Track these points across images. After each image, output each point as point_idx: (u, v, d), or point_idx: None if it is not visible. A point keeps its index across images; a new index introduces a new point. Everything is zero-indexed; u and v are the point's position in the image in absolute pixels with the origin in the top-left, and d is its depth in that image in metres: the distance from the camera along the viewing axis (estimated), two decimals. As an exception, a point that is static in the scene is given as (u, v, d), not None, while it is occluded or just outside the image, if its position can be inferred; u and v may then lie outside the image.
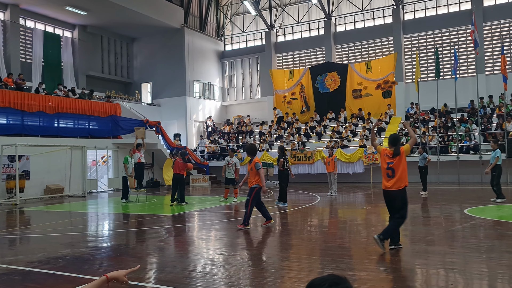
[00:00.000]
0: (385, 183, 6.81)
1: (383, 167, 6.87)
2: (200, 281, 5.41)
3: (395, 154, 6.72)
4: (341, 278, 1.67)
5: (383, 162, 6.88)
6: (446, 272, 5.51)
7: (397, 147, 6.78)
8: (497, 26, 24.01)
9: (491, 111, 21.87)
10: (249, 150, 9.30)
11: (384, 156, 6.87)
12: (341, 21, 28.88)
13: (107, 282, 2.26)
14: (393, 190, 6.71)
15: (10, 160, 16.69)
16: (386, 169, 6.79)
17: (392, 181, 6.70)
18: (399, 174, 6.66)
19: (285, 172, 13.36)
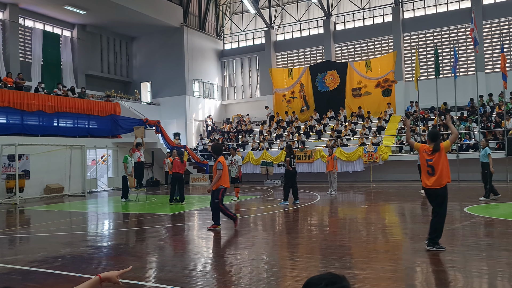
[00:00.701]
0: (425, 181, 6.58)
1: (422, 164, 6.63)
2: (200, 280, 5.41)
3: (435, 150, 6.45)
4: (339, 277, 1.66)
5: (422, 159, 6.62)
6: (446, 270, 5.51)
7: (437, 143, 6.50)
8: (497, 24, 24.00)
9: (491, 109, 21.86)
10: (214, 150, 9.11)
11: (423, 152, 6.60)
12: (341, 19, 28.86)
13: (100, 283, 2.25)
14: (434, 189, 6.49)
15: (10, 159, 16.69)
16: (426, 166, 6.54)
17: (433, 179, 6.46)
18: (439, 171, 6.42)
19: (293, 171, 13.30)
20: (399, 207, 12.34)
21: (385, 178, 21.28)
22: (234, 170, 14.86)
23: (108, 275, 2.30)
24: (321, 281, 1.64)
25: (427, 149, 6.58)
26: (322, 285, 1.63)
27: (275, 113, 28.26)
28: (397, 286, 5.03)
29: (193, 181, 24.10)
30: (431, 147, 6.53)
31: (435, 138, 6.58)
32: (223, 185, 8.78)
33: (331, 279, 1.64)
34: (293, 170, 13.29)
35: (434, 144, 6.51)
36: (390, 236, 8.16)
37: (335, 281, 1.63)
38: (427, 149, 6.59)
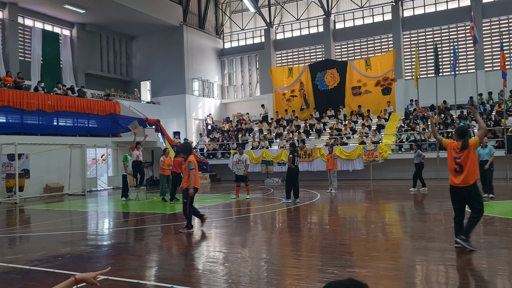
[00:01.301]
0: (453, 179, 6.38)
1: (449, 161, 6.42)
2: (200, 278, 5.42)
3: (463, 148, 6.25)
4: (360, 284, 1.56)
5: (449, 156, 6.42)
6: (446, 268, 5.52)
7: (465, 139, 6.28)
8: (496, 23, 23.98)
9: (491, 108, 21.87)
10: (184, 149, 8.96)
11: (451, 150, 6.41)
12: (340, 18, 28.85)
13: (76, 284, 2.24)
14: (463, 187, 6.29)
15: (10, 159, 16.69)
16: (454, 164, 6.33)
17: (461, 177, 6.26)
18: (467, 169, 6.22)
19: (295, 169, 13.30)
20: (399, 205, 12.34)
21: (385, 176, 21.29)
22: (241, 168, 14.72)
23: (84, 277, 2.29)
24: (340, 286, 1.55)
25: (456, 147, 6.38)
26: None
27: (275, 112, 28.27)
28: (397, 284, 5.03)
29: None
30: (459, 144, 6.32)
31: (463, 134, 6.36)
32: (195, 185, 8.60)
33: (351, 285, 1.55)
34: (296, 169, 13.29)
35: (463, 140, 6.30)
36: (390, 234, 8.16)
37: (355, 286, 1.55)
38: (455, 147, 6.38)
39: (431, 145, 20.84)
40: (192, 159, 8.66)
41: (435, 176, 19.93)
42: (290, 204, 12.64)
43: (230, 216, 11.11)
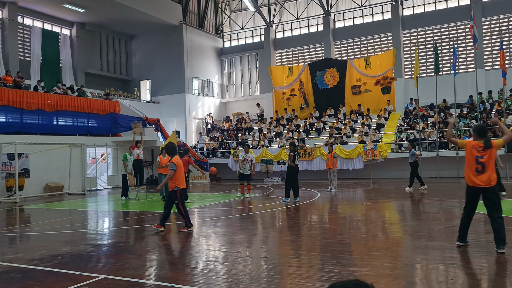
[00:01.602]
0: (473, 179, 6.09)
1: (469, 161, 6.13)
2: (200, 277, 5.42)
3: (487, 147, 6.00)
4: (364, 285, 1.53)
5: (469, 156, 6.13)
6: (446, 267, 5.52)
7: (487, 138, 6.06)
8: (496, 21, 23.97)
9: (490, 107, 21.87)
10: (168, 149, 8.90)
11: (472, 149, 6.11)
12: (340, 17, 28.83)
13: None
14: (486, 188, 6.02)
15: (10, 158, 16.69)
16: (475, 163, 6.06)
17: (483, 177, 6.01)
18: (490, 169, 6.00)
19: (295, 168, 13.33)
20: (399, 204, 12.35)
21: (385, 175, 21.30)
22: (247, 167, 14.70)
23: None
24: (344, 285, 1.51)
25: (477, 145, 6.11)
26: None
27: (274, 111, 28.28)
28: (397, 283, 5.04)
29: (193, 179, 24.10)
30: (481, 143, 6.07)
31: (484, 133, 6.15)
32: (179, 186, 8.50)
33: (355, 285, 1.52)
34: (296, 168, 13.30)
35: (485, 140, 6.07)
36: (390, 233, 8.17)
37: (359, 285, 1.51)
38: (476, 145, 6.12)
39: (430, 144, 20.84)
40: (175, 160, 8.55)
41: (435, 175, 19.94)
42: (289, 203, 12.65)
43: (230, 215, 11.11)
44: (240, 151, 24.03)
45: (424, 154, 20.32)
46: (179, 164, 8.55)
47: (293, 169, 13.23)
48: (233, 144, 26.10)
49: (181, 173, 8.57)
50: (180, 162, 8.61)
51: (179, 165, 8.53)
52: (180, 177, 8.53)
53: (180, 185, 8.53)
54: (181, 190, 8.57)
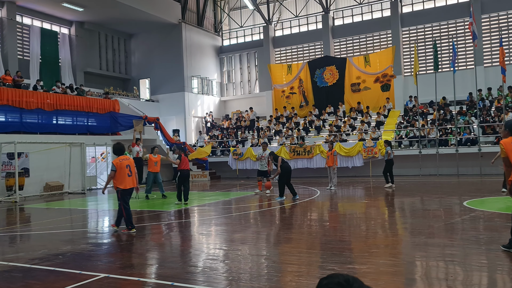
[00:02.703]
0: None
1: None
2: (200, 276, 5.43)
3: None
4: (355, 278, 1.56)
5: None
6: (445, 264, 5.53)
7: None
8: (495, 18, 23.96)
9: (490, 104, 21.88)
10: (114, 150, 8.84)
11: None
12: (339, 14, 28.81)
13: None
14: None
15: (9, 157, 16.68)
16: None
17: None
18: None
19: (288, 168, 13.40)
20: (399, 201, 12.36)
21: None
22: (264, 164, 15.10)
23: None
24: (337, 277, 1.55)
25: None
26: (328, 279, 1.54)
27: (274, 109, 28.25)
28: (397, 280, 5.05)
29: (192, 178, 24.10)
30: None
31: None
32: (119, 186, 8.43)
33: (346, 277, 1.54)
34: (288, 166, 13.34)
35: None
36: (390, 230, 8.18)
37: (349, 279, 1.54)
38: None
39: (430, 141, 20.85)
40: (114, 161, 8.50)
41: (435, 172, 19.96)
42: (283, 202, 12.67)
43: (230, 213, 11.13)
44: (239, 149, 24.11)
45: (423, 151, 20.33)
46: (120, 165, 8.42)
47: (287, 168, 13.27)
48: (233, 142, 26.10)
49: (123, 173, 8.41)
50: (121, 163, 8.46)
51: (120, 166, 8.41)
52: (120, 178, 8.42)
53: (120, 185, 8.44)
54: (122, 190, 8.47)
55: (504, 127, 5.85)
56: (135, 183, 8.66)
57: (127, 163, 8.54)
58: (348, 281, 1.48)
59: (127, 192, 8.57)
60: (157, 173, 14.97)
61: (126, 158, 8.67)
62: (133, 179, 8.58)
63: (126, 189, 8.50)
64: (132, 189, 8.63)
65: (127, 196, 8.60)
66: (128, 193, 8.61)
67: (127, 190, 8.54)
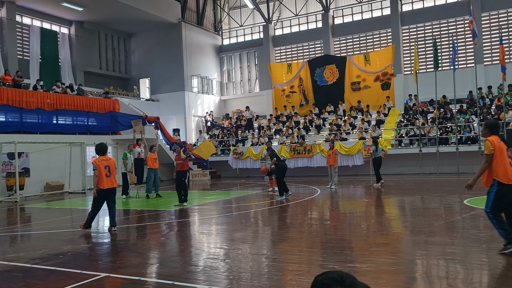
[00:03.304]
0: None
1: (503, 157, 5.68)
2: (201, 275, 5.43)
3: (508, 145, 5.77)
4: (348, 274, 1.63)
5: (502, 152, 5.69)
6: (446, 262, 5.53)
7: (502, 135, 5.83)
8: (495, 16, 23.93)
9: (490, 102, 21.86)
10: (96, 150, 8.93)
11: (499, 143, 5.74)
12: (339, 13, 28.78)
13: None
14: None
15: (10, 157, 16.69)
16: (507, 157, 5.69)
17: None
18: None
19: (284, 165, 13.45)
20: (399, 200, 12.36)
21: (384, 171, 21.18)
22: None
23: None
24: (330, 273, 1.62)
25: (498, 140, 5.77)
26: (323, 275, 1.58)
27: (274, 108, 28.25)
28: (397, 279, 5.05)
29: (193, 177, 24.12)
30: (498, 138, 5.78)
31: (498, 128, 5.94)
32: (98, 186, 8.51)
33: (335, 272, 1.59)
34: (284, 165, 13.40)
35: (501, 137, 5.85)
36: (390, 229, 8.18)
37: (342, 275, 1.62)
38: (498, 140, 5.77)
39: (430, 139, 20.84)
40: (95, 161, 8.59)
41: (435, 170, 19.95)
42: (284, 200, 12.74)
43: (230, 212, 11.13)
44: (240, 149, 24.10)
45: (424, 150, 20.32)
46: (99, 165, 8.52)
47: (283, 166, 13.33)
48: (233, 141, 26.10)
49: (101, 174, 8.49)
50: (100, 163, 8.54)
51: (99, 165, 8.51)
52: (98, 178, 8.50)
53: (98, 185, 8.50)
54: (99, 190, 8.52)
55: (484, 126, 6.01)
56: (113, 183, 8.67)
57: (107, 163, 8.59)
58: (341, 276, 1.56)
59: (104, 192, 8.59)
60: (156, 171, 15.02)
61: (106, 158, 8.74)
62: (111, 180, 8.61)
63: (103, 189, 8.53)
64: (109, 189, 8.62)
65: (103, 197, 8.66)
66: (105, 193, 8.62)
67: (104, 190, 8.56)
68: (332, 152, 15.76)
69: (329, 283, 1.55)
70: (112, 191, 8.68)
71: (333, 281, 1.56)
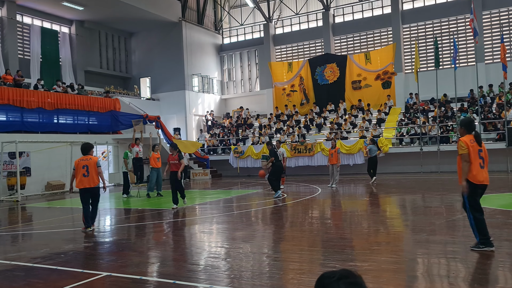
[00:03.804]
0: (480, 176, 5.84)
1: (475, 156, 5.84)
2: (202, 274, 5.44)
3: (479, 143, 5.95)
4: (352, 273, 1.65)
5: (474, 152, 5.85)
6: (447, 261, 5.53)
7: (477, 134, 6.01)
8: (497, 15, 23.89)
9: (491, 100, 21.83)
10: (81, 149, 9.00)
11: (472, 143, 5.90)
12: (340, 12, 28.75)
13: None
14: (486, 185, 5.92)
15: (11, 157, 16.71)
16: (478, 157, 5.87)
17: (486, 172, 5.92)
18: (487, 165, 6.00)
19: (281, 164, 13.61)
20: (400, 199, 12.36)
21: (385, 170, 21.28)
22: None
23: None
24: (334, 274, 1.64)
25: (472, 139, 5.94)
26: (335, 279, 1.62)
27: (275, 107, 28.25)
28: (398, 277, 5.05)
29: (194, 176, 24.13)
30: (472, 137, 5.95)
31: (473, 127, 6.07)
32: (77, 186, 8.74)
33: (344, 273, 1.65)
34: (280, 165, 13.56)
35: (475, 135, 5.97)
36: (391, 228, 8.18)
37: (348, 275, 1.63)
38: (472, 139, 5.94)
39: (431, 138, 20.83)
40: (75, 161, 8.84)
41: (436, 169, 19.94)
42: (280, 196, 12.88)
43: (231, 211, 11.14)
44: (240, 148, 24.10)
45: (424, 148, 20.32)
46: (77, 165, 8.74)
47: (279, 165, 13.38)
48: (234, 140, 26.10)
49: (79, 173, 8.69)
50: (79, 163, 8.73)
51: (77, 166, 8.73)
52: (76, 177, 8.74)
53: (78, 185, 8.72)
54: (79, 190, 8.76)
55: (460, 125, 6.16)
56: (90, 183, 8.71)
57: (85, 163, 8.72)
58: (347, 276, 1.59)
59: (82, 191, 8.75)
60: (159, 170, 15.04)
61: (86, 158, 8.83)
62: (89, 179, 8.69)
63: (80, 188, 8.72)
64: (86, 189, 8.71)
65: (83, 196, 8.79)
66: (83, 192, 8.76)
67: (81, 190, 8.73)
68: (334, 151, 15.78)
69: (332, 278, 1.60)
70: (89, 190, 8.77)
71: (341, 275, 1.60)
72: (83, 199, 8.80)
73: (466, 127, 6.05)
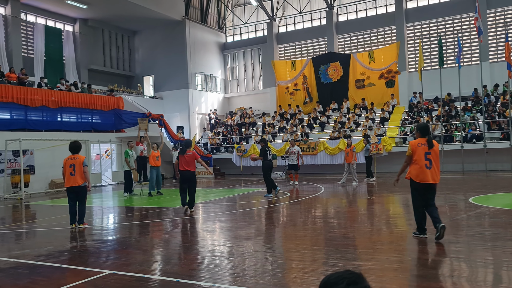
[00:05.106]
0: (425, 176, 6.55)
1: (420, 158, 6.56)
2: (205, 272, 5.44)
3: (430, 146, 6.56)
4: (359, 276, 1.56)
5: (420, 153, 6.58)
6: (450, 260, 5.51)
7: (430, 137, 6.63)
8: (501, 13, 23.77)
9: (495, 99, 21.74)
10: (69, 147, 9.15)
11: (419, 146, 6.61)
12: (343, 10, 28.68)
13: None
14: (434, 184, 6.61)
15: (15, 155, 16.77)
16: (424, 159, 6.54)
17: (432, 173, 6.58)
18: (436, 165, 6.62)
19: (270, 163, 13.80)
20: (403, 198, 12.32)
21: (389, 169, 21.23)
22: (293, 158, 16.21)
23: None
24: (342, 280, 1.53)
25: (422, 142, 6.60)
26: (344, 285, 1.51)
27: (278, 105, 28.23)
28: (402, 277, 5.04)
29: (197, 174, 24.10)
30: (424, 140, 6.58)
31: (427, 131, 6.65)
32: (64, 185, 8.92)
33: (352, 278, 1.53)
34: (270, 164, 13.63)
35: (428, 139, 6.57)
36: (395, 227, 8.16)
37: (357, 280, 1.53)
38: (422, 142, 6.61)
39: (435, 137, 20.76)
40: (64, 160, 9.03)
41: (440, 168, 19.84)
42: (271, 197, 12.93)
43: (234, 210, 11.14)
44: (243, 146, 24.11)
45: (428, 147, 20.24)
46: (65, 163, 8.99)
47: (268, 163, 13.44)
48: (237, 139, 26.10)
49: (66, 172, 8.91)
50: (66, 162, 8.94)
51: (65, 164, 8.98)
52: (64, 176, 8.97)
53: (65, 184, 8.96)
54: (65, 189, 8.92)
55: (416, 129, 6.80)
56: (76, 182, 8.85)
57: (72, 162, 8.89)
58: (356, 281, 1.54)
59: (68, 190, 8.94)
60: (158, 168, 15.09)
61: (74, 157, 8.97)
62: (75, 178, 8.83)
63: (67, 187, 8.91)
64: (71, 188, 8.89)
65: (69, 194, 9.00)
66: (69, 191, 8.95)
67: (67, 188, 8.93)
68: (350, 149, 16.01)
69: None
70: (74, 189, 8.89)
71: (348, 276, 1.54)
72: (69, 197, 8.99)
73: (421, 131, 6.67)
